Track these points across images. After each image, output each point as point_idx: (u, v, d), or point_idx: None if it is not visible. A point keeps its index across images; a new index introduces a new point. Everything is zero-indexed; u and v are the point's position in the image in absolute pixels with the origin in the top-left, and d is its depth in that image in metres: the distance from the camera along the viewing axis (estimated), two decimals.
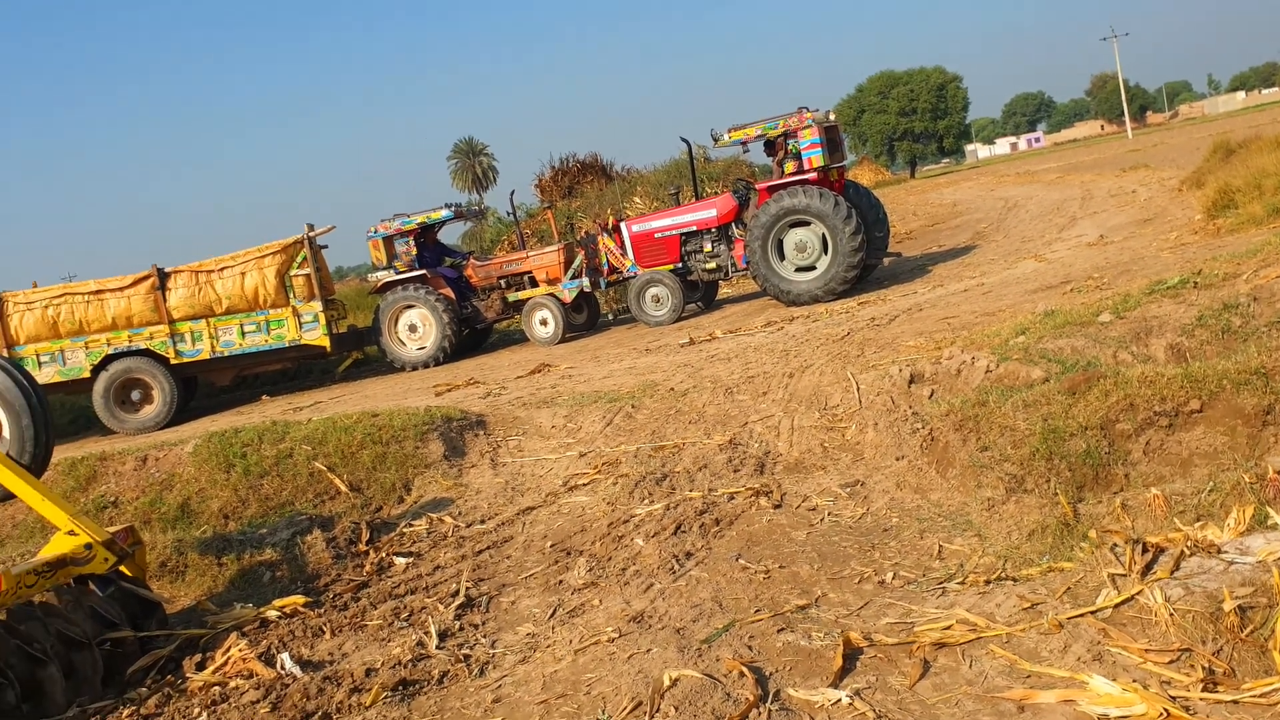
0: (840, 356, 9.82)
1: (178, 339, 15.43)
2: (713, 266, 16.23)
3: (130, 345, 15.33)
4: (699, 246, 16.26)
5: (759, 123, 15.52)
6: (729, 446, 8.21)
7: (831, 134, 15.58)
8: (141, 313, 15.30)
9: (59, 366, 15.20)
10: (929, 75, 79.12)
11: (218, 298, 15.48)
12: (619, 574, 6.00)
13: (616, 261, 16.73)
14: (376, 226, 17.42)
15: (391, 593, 6.42)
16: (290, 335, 15.62)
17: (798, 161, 15.22)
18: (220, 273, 15.51)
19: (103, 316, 15.22)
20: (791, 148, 15.36)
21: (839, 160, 16.01)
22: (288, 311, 15.54)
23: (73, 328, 15.20)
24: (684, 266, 16.37)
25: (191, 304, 15.41)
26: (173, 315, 15.37)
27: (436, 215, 17.30)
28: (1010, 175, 41.51)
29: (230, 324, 15.53)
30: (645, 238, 16.43)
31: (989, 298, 11.60)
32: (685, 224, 16.26)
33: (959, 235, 22.44)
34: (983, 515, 5.73)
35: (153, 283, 15.33)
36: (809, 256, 14.92)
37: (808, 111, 15.07)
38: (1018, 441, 6.13)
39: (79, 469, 9.80)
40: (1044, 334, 8.10)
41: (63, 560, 5.86)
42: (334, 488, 8.87)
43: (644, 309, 16.22)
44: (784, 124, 15.15)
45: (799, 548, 5.92)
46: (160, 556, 7.31)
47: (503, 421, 10.07)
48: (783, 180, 15.23)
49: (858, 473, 7.18)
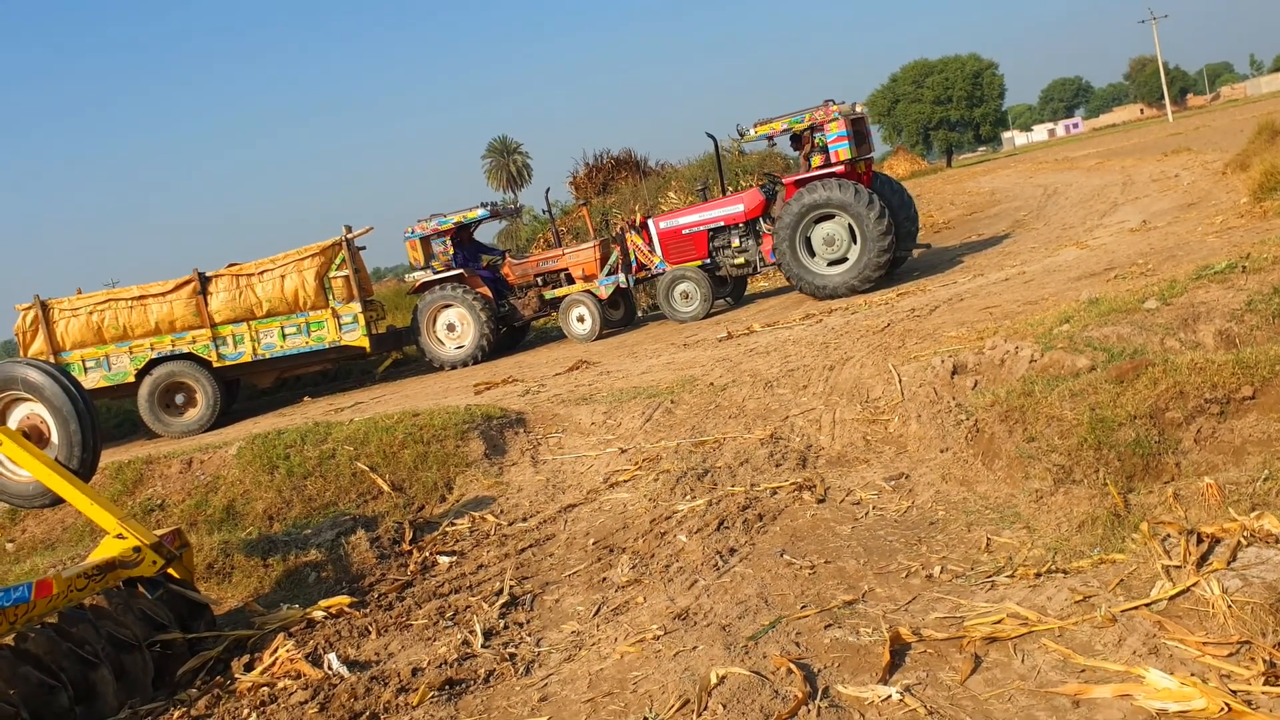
0: (881, 348, 9.73)
1: (220, 342, 15.59)
2: (741, 262, 16.16)
3: (173, 349, 15.49)
4: (727, 242, 16.20)
5: (785, 116, 15.39)
6: (770, 441, 8.16)
7: (858, 126, 15.41)
8: (184, 317, 15.45)
9: (104, 372, 15.38)
10: (964, 63, 78.27)
11: (258, 301, 15.62)
12: (662, 571, 5.97)
13: (644, 258, 16.70)
14: (413, 227, 17.48)
15: (436, 592, 6.43)
16: (330, 336, 15.74)
17: (825, 155, 15.07)
18: (260, 276, 15.63)
19: (146, 321, 15.39)
20: (818, 141, 15.21)
21: (866, 153, 15.81)
22: (327, 313, 15.66)
23: (117, 333, 15.38)
24: (712, 262, 16.31)
25: (233, 307, 15.55)
26: (214, 319, 15.53)
27: (472, 214, 17.34)
28: (1049, 162, 41.01)
29: (271, 326, 15.66)
30: (672, 234, 16.39)
31: (1031, 286, 11.45)
32: (713, 220, 16.19)
33: (998, 224, 22.19)
34: (1031, 507, 5.65)
35: (194, 287, 15.48)
36: (838, 250, 14.77)
37: (834, 104, 14.92)
38: (1065, 431, 6.03)
39: (126, 472, 9.92)
40: (1089, 322, 7.98)
41: (112, 563, 5.93)
42: (376, 488, 8.91)
43: (672, 305, 16.19)
44: (810, 117, 15.01)
45: (844, 542, 5.87)
46: (207, 558, 7.37)
47: (542, 419, 10.08)
48: (809, 174, 15.10)
49: (901, 465, 7.11)
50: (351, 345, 15.88)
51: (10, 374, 6.31)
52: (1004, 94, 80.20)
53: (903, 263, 16.22)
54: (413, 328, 17.24)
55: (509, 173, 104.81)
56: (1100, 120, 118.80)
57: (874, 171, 16.16)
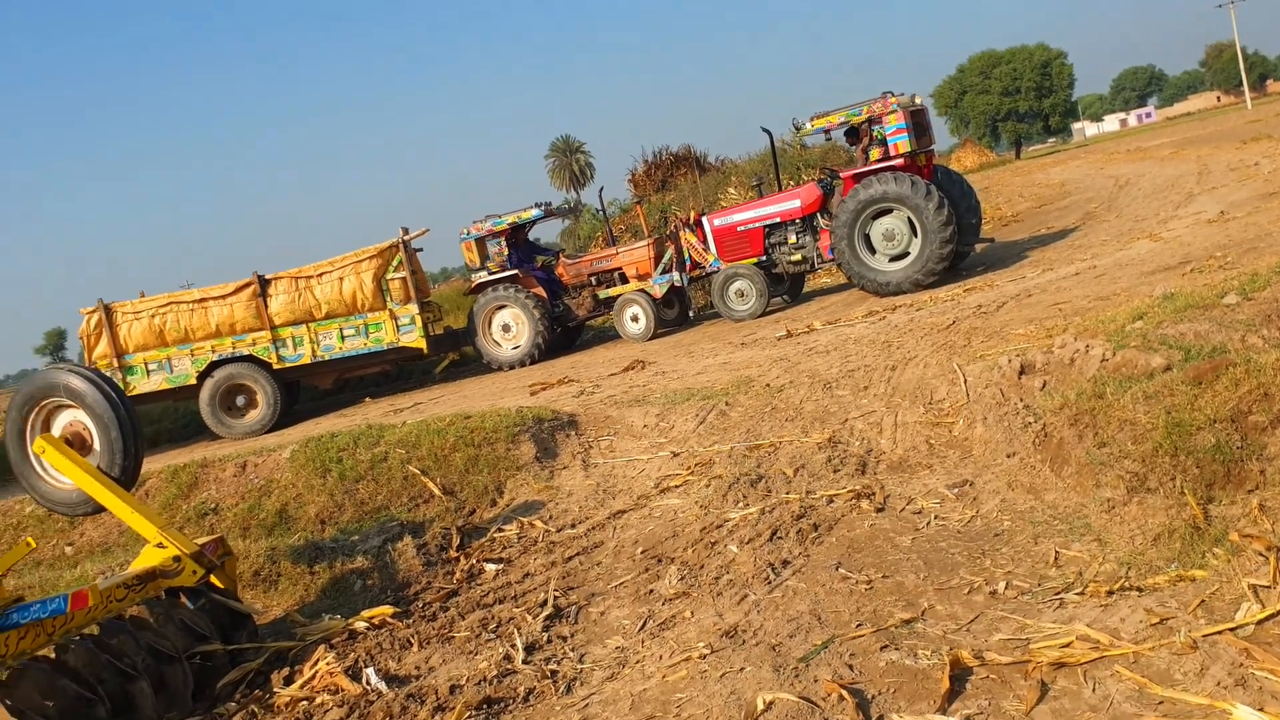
0: (946, 347, 9.39)
1: (279, 344, 15.67)
2: (798, 258, 15.84)
3: (234, 351, 15.61)
4: (783, 238, 15.90)
5: (842, 109, 15.05)
6: (828, 445, 7.88)
7: (918, 118, 14.98)
8: (244, 319, 15.56)
9: (166, 374, 15.54)
10: (1032, 53, 76.64)
11: (317, 303, 15.68)
12: (711, 583, 5.74)
13: (699, 256, 16.47)
14: (469, 228, 17.48)
15: (480, 602, 6.26)
16: (388, 338, 15.76)
17: (883, 148, 14.69)
18: (319, 278, 15.71)
19: (207, 324, 15.53)
20: (877, 134, 14.85)
21: (927, 145, 15.37)
22: (385, 314, 15.68)
23: (178, 336, 15.54)
24: (768, 259, 15.99)
25: (292, 309, 15.64)
26: (274, 321, 15.62)
27: (527, 215, 17.29)
28: (1120, 152, 39.94)
29: (330, 328, 15.73)
30: (727, 231, 16.13)
31: (1102, 281, 11.00)
32: (769, 216, 15.90)
33: (1068, 216, 21.57)
34: (1102, 518, 5.31)
35: (254, 290, 15.59)
36: (898, 245, 14.37)
37: (893, 96, 14.58)
38: (1139, 436, 5.68)
39: (181, 476, 9.93)
40: (1163, 318, 7.57)
41: (152, 573, 5.85)
42: (427, 491, 8.80)
43: (727, 304, 15.93)
44: (868, 110, 14.68)
45: (903, 555, 5.58)
46: (254, 566, 7.30)
47: (594, 421, 9.89)
48: (868, 167, 14.71)
49: (966, 471, 6.79)
50: (409, 346, 15.88)
51: (53, 381, 6.27)
52: (1073, 84, 78.40)
53: (966, 257, 15.78)
54: (469, 329, 17.24)
55: (571, 172, 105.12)
56: (1174, 109, 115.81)
57: (935, 164, 15.72)
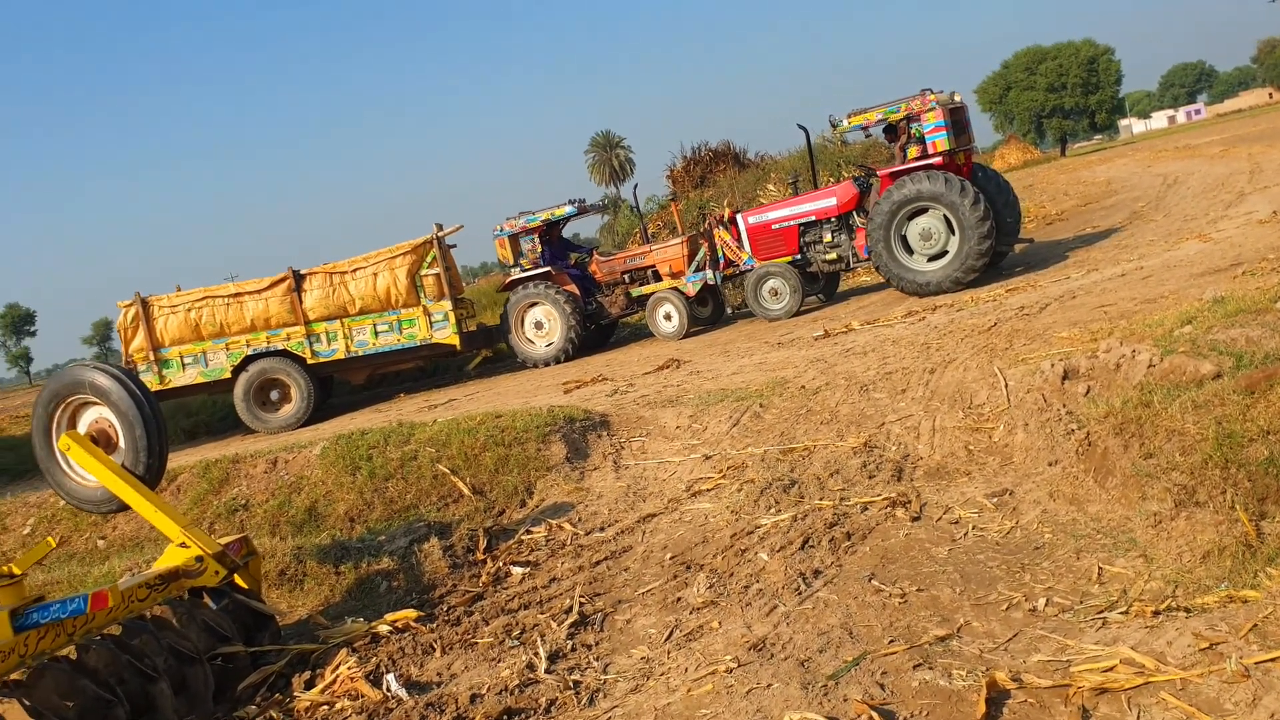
0: (986, 349, 9.17)
1: (313, 339, 15.72)
2: (833, 257, 15.62)
3: (269, 346, 15.68)
4: (818, 237, 15.67)
5: (880, 106, 14.79)
6: (863, 450, 7.70)
7: (957, 116, 14.74)
8: (279, 314, 15.62)
9: (201, 368, 15.63)
10: (1078, 49, 75.50)
11: (351, 298, 15.71)
12: (740, 592, 5.59)
13: (732, 255, 16.30)
14: (502, 225, 17.46)
15: (505, 607, 6.15)
16: (421, 334, 15.77)
17: (921, 146, 14.45)
18: (353, 274, 15.74)
19: (242, 319, 15.61)
20: (915, 131, 14.58)
21: (966, 144, 15.08)
22: (418, 311, 15.69)
23: (214, 330, 15.63)
24: (803, 258, 15.80)
25: (326, 305, 15.68)
26: (308, 316, 15.67)
27: (560, 212, 17.24)
28: (1168, 150, 39.22)
29: (364, 324, 15.75)
30: (762, 229, 15.93)
31: (1149, 283, 10.72)
32: (804, 214, 15.67)
33: (1114, 215, 21.16)
34: (1148, 532, 5.11)
35: (289, 285, 15.64)
36: (935, 244, 14.11)
37: (931, 93, 14.32)
38: (1188, 447, 5.46)
39: (213, 471, 9.91)
40: (1214, 323, 7.32)
41: (175, 573, 5.79)
42: (457, 491, 8.71)
43: (761, 303, 15.74)
44: (906, 107, 14.44)
45: (939, 567, 5.40)
46: (280, 565, 7.23)
47: (626, 421, 9.76)
48: (906, 166, 14.48)
49: (1005, 480, 6.59)
50: (442, 343, 15.88)
51: (78, 378, 6.23)
52: (1121, 80, 77.08)
53: (1004, 257, 15.50)
54: (502, 325, 17.22)
55: (611, 167, 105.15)
56: (1224, 106, 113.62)
57: (974, 163, 15.43)
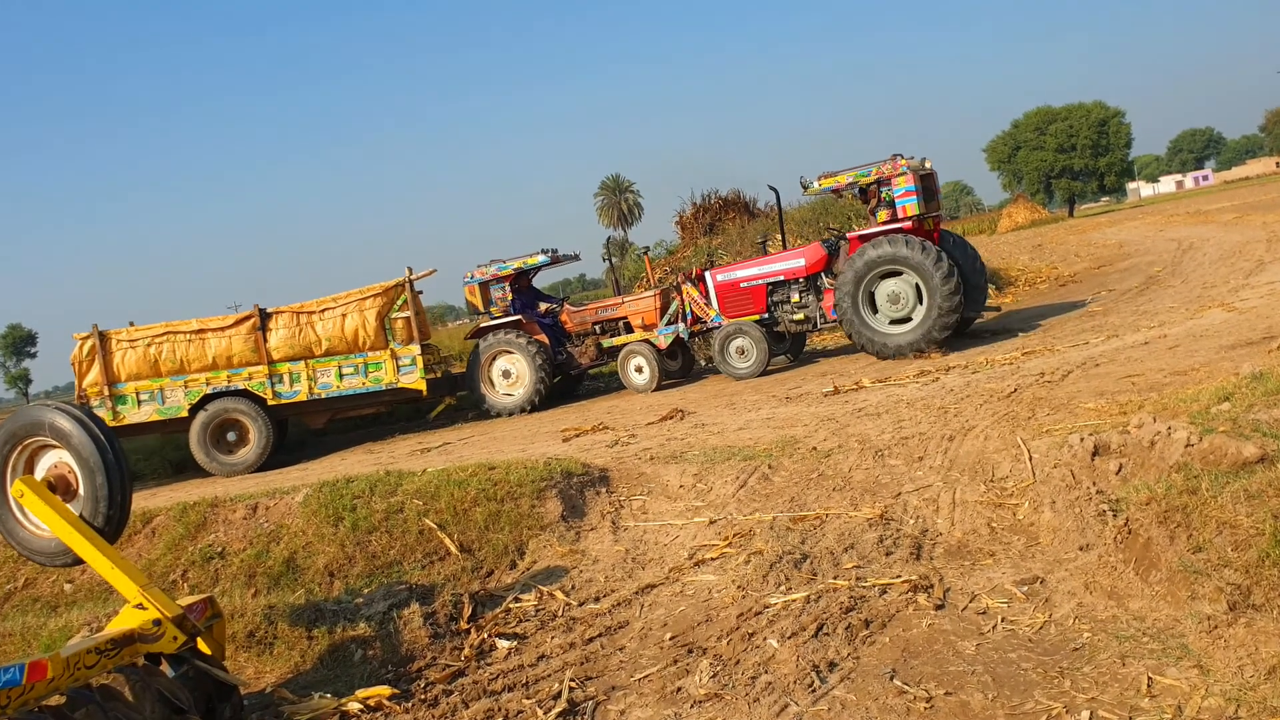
0: (1008, 418, 8.70)
1: (276, 380, 15.24)
2: (800, 317, 15.67)
3: (229, 385, 15.14)
4: (786, 296, 15.77)
5: (851, 170, 15.05)
6: (879, 522, 7.21)
7: (927, 182, 14.97)
8: (242, 353, 15.13)
9: (157, 405, 15.13)
10: (1089, 110, 75.73)
11: (317, 339, 15.30)
12: (748, 684, 5.08)
13: (701, 311, 16.30)
14: (473, 272, 17.31)
15: (488, 687, 5.64)
16: (387, 378, 15.41)
17: (891, 210, 14.68)
18: (321, 314, 15.36)
19: (203, 356, 15.09)
20: (885, 195, 14.79)
21: (935, 209, 15.30)
22: (386, 354, 15.34)
23: (173, 366, 15.07)
24: (770, 317, 15.89)
25: (292, 345, 15.23)
26: (272, 355, 15.20)
27: (533, 260, 17.17)
28: (1179, 215, 39.03)
29: (329, 365, 15.33)
30: (730, 287, 16.04)
31: (1177, 353, 10.27)
32: (772, 273, 15.79)
33: (1129, 279, 20.80)
34: (1202, 639, 4.61)
35: (254, 323, 15.19)
36: (903, 308, 14.27)
37: (903, 158, 14.53)
38: (1241, 543, 4.99)
39: (190, 515, 9.43)
40: (1254, 401, 6.87)
41: (129, 637, 5.28)
42: (444, 548, 8.21)
43: (728, 360, 15.63)
44: (877, 171, 14.67)
45: (967, 665, 4.90)
46: (249, 625, 6.73)
47: (627, 477, 9.28)
48: (875, 229, 14.65)
49: (1035, 566, 6.09)
50: (408, 388, 15.53)
51: (38, 418, 5.77)
52: (1131, 143, 77.31)
53: (971, 324, 15.69)
54: (469, 372, 16.97)
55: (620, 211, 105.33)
56: (1232, 173, 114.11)
57: (943, 230, 15.68)
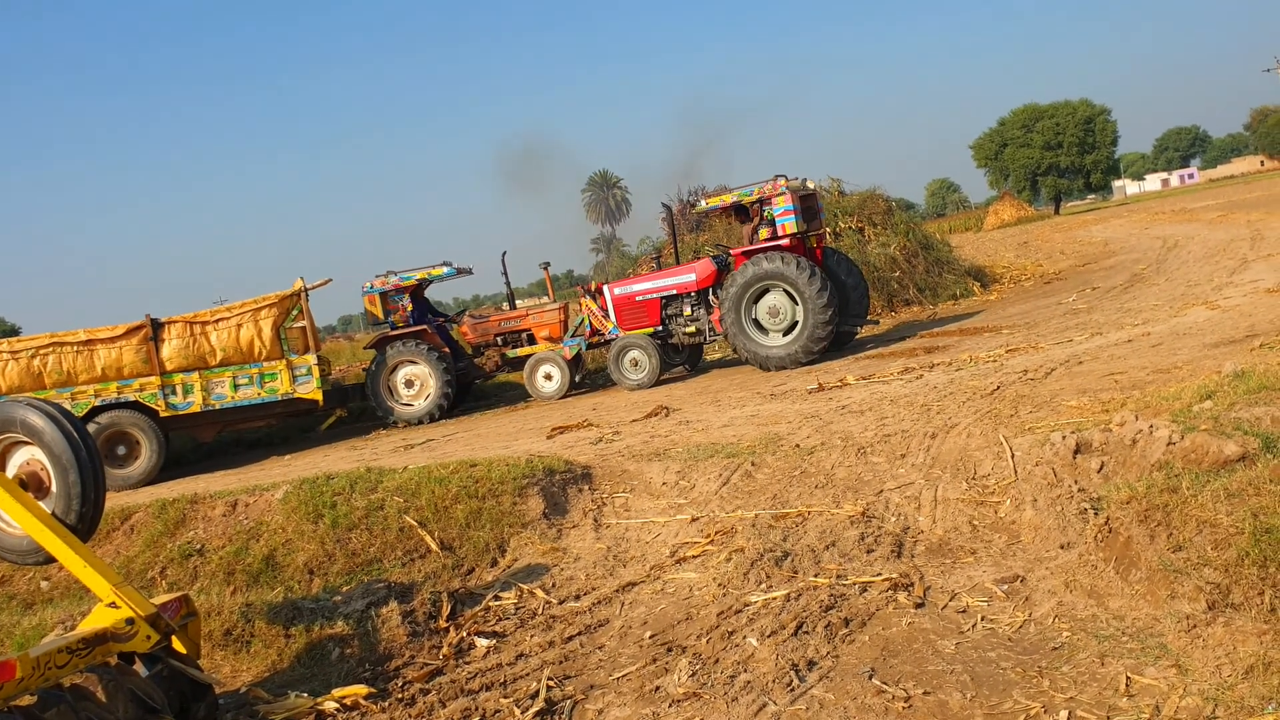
0: (990, 415, 8.69)
1: (168, 391, 15.08)
2: (692, 330, 16.45)
3: (119, 397, 14.91)
4: (679, 310, 16.51)
5: (735, 190, 15.97)
6: (861, 519, 7.19)
7: (808, 201, 15.84)
8: (133, 364, 14.92)
9: None
10: (1075, 108, 75.94)
11: (212, 349, 15.22)
12: (726, 683, 5.04)
13: (599, 324, 16.89)
14: (372, 282, 17.45)
15: (465, 686, 5.59)
16: (284, 388, 15.40)
17: (772, 228, 15.43)
18: (216, 324, 15.29)
19: (92, 367, 14.83)
20: (766, 214, 15.61)
21: (816, 228, 16.13)
22: (281, 364, 15.35)
23: (59, 378, 14.75)
24: (665, 330, 16.53)
25: (185, 355, 15.10)
26: (165, 366, 15.05)
27: (437, 272, 17.52)
28: (1165, 213, 39.18)
29: (223, 376, 15.26)
30: (626, 301, 16.68)
31: (1160, 351, 10.28)
32: (665, 288, 16.52)
33: (1114, 277, 20.86)
34: (1181, 638, 4.60)
35: (145, 333, 15.00)
36: (782, 321, 15.10)
37: (784, 179, 15.28)
38: (1221, 542, 4.97)
39: (169, 512, 9.37)
40: (1235, 399, 6.88)
41: (102, 636, 5.22)
42: (424, 545, 8.16)
43: (622, 371, 16.22)
44: (759, 191, 15.45)
45: (946, 665, 4.87)
46: (226, 623, 6.67)
47: (610, 475, 9.25)
48: (757, 246, 15.44)
49: (1015, 564, 6.08)
50: (305, 397, 15.53)
51: (9, 415, 5.69)
52: (1117, 141, 77.55)
53: (852, 336, 16.54)
54: (369, 382, 17.04)
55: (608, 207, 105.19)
56: (1217, 171, 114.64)
57: (828, 247, 16.68)
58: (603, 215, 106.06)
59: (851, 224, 23.44)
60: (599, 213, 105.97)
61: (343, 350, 26.96)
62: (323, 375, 15.68)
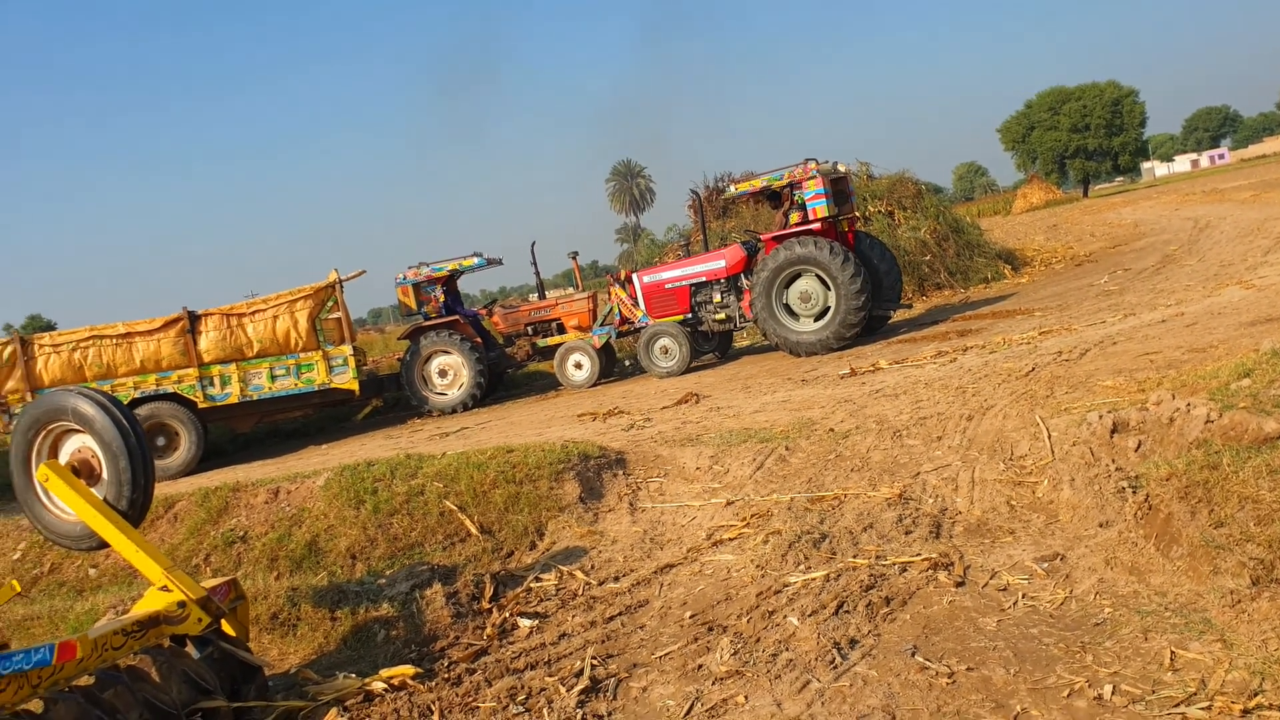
0: (1026, 396, 8.69)
1: (206, 382, 15.30)
2: (722, 317, 16.35)
3: (158, 389, 15.14)
4: (709, 297, 16.41)
5: (765, 175, 15.85)
6: (898, 501, 7.21)
7: (839, 185, 15.71)
8: (171, 356, 15.15)
9: None
10: (1102, 90, 75.20)
11: (249, 341, 15.40)
12: (768, 661, 5.10)
13: (628, 312, 16.89)
14: (405, 273, 17.61)
15: (510, 665, 5.67)
16: (320, 379, 15.56)
17: (803, 212, 15.32)
18: (252, 316, 15.47)
19: (131, 359, 15.07)
20: (797, 198, 15.47)
21: (848, 211, 15.98)
22: (318, 355, 15.49)
23: (99, 371, 15.01)
24: (694, 317, 16.47)
25: (222, 347, 15.31)
26: (203, 358, 15.26)
27: (468, 263, 17.55)
28: (1195, 194, 38.82)
29: (260, 368, 15.45)
30: (656, 288, 16.62)
31: (1194, 331, 10.22)
32: (695, 275, 16.43)
33: (1146, 258, 20.70)
34: (1225, 613, 4.60)
35: (183, 325, 15.21)
36: (814, 306, 15.04)
37: (814, 163, 15.18)
38: (1264, 517, 4.98)
39: (212, 500, 9.50)
40: (1274, 377, 6.84)
41: (155, 619, 5.34)
42: (464, 529, 8.26)
43: (652, 359, 16.24)
44: (789, 175, 15.35)
45: (989, 641, 4.91)
46: (272, 608, 6.78)
47: (643, 460, 9.31)
48: (788, 230, 15.30)
49: (1055, 543, 6.09)
50: (340, 388, 15.69)
51: (61, 404, 5.81)
52: (1145, 122, 76.74)
53: (884, 322, 16.36)
54: (404, 372, 17.22)
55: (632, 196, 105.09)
56: (1249, 151, 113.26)
57: (860, 232, 16.42)
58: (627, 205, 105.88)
59: (881, 208, 23.33)
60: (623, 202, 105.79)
61: (374, 342, 27.25)
62: (358, 365, 15.84)
